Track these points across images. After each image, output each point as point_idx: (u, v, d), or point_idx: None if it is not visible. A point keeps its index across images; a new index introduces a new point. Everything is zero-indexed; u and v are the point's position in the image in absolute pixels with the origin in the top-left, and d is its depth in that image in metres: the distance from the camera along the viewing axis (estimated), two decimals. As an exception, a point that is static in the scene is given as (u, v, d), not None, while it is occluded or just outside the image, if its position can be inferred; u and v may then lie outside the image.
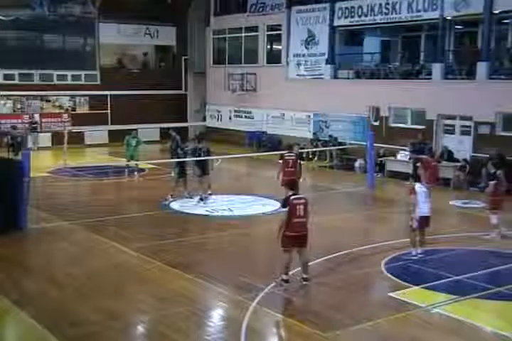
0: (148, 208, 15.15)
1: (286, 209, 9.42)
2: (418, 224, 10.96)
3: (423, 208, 10.98)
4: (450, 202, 15.97)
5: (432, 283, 9.71)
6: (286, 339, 8.12)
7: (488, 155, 18.39)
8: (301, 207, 9.40)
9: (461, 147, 19.91)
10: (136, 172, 20.22)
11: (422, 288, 9.57)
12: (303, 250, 9.56)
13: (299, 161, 15.73)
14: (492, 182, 12.67)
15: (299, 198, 9.52)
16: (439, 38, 20.89)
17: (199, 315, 8.70)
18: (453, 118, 20.47)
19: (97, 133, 27.90)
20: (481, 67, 19.47)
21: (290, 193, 9.58)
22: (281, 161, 15.58)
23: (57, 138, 25.54)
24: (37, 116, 27.59)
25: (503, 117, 19.01)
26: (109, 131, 27.84)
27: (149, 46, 31.33)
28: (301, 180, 15.62)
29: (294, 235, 9.36)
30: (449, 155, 19.52)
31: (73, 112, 28.58)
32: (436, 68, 20.76)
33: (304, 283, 9.56)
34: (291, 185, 9.86)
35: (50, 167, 21.10)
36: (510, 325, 8.22)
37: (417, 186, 11.24)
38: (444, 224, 13.35)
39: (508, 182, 17.19)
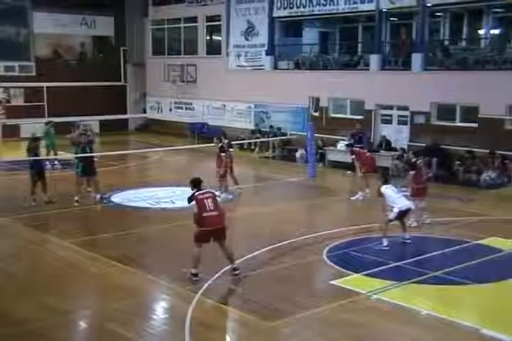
0: (88, 202, 14.88)
1: (192, 203, 9.33)
2: (396, 216, 11.10)
3: (400, 203, 11.10)
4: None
5: (372, 270, 9.95)
6: (230, 329, 8.18)
7: (424, 145, 18.99)
8: (209, 200, 9.35)
9: (399, 136, 20.42)
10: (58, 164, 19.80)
11: (363, 275, 9.80)
12: (222, 243, 9.48)
13: (222, 153, 15.60)
14: (412, 172, 12.80)
15: (204, 193, 9.47)
16: (376, 30, 21.30)
17: (143, 309, 8.67)
18: (390, 108, 20.94)
19: (33, 126, 27.12)
20: (416, 59, 19.97)
21: (194, 190, 9.51)
22: (223, 154, 15.61)
23: (-10, 132, 24.69)
24: (-31, 109, 26.64)
25: (437, 107, 19.60)
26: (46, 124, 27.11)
27: (86, 36, 30.60)
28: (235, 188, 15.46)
29: (207, 230, 9.31)
30: (387, 145, 19.99)
31: (7, 104, 27.69)
32: (374, 59, 21.17)
33: (235, 272, 9.55)
34: (194, 182, 9.67)
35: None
36: (446, 308, 8.54)
37: (383, 188, 11.26)
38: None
39: (441, 169, 17.80)
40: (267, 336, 7.81)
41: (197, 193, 9.44)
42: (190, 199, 9.44)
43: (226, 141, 16.11)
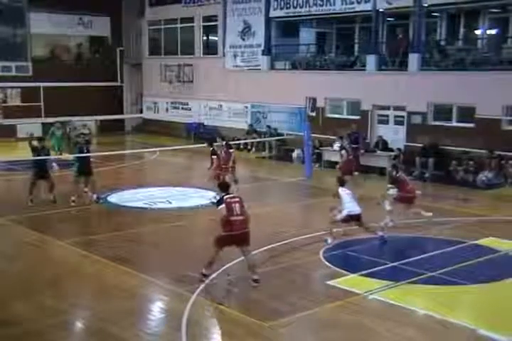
0: (85, 202, 14.86)
1: (222, 206, 9.34)
2: (343, 218, 11.27)
3: (350, 207, 11.22)
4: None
5: (368, 271, 9.95)
6: (227, 330, 8.16)
7: (421, 145, 19.00)
8: (237, 204, 9.40)
9: (395, 137, 20.42)
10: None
11: (359, 275, 9.80)
12: (245, 249, 9.46)
13: (213, 156, 15.60)
14: (394, 188, 12.41)
15: (232, 197, 9.54)
16: (373, 30, 21.30)
17: (139, 309, 8.65)
18: (387, 108, 20.95)
19: (29, 126, 27.10)
20: (413, 59, 19.99)
21: (223, 194, 9.58)
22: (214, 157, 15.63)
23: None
24: (-35, 109, 26.61)
25: (434, 107, 19.61)
26: (43, 124, 27.11)
27: (83, 37, 30.59)
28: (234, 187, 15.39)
29: (231, 234, 9.28)
30: (383, 145, 20.00)
31: (4, 104, 27.67)
32: (371, 59, 21.17)
33: (254, 284, 9.40)
34: (223, 186, 9.87)
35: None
36: (443, 308, 8.54)
37: (340, 190, 11.48)
38: (380, 212, 13.63)
39: (438, 170, 17.80)
40: (264, 336, 7.79)
41: (226, 197, 9.49)
42: (219, 203, 9.46)
43: (224, 142, 16.15)
